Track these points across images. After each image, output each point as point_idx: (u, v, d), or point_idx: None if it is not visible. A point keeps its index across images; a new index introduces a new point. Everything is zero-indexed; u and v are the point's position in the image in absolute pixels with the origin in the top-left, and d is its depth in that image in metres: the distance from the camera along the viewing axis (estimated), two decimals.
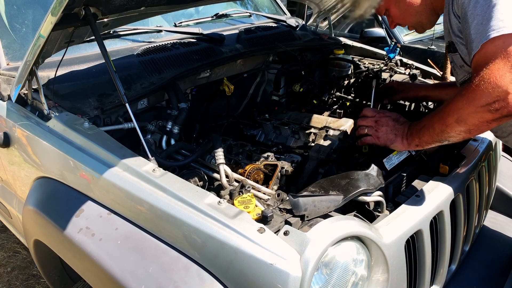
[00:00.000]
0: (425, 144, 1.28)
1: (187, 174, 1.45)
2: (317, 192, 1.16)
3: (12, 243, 2.85)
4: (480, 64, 1.06)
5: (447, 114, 1.15)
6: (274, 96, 2.41)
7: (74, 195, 1.38)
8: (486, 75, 1.02)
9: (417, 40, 4.33)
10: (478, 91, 1.04)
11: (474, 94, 1.06)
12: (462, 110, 1.10)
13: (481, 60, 1.06)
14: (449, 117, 1.14)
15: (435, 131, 1.20)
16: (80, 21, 1.39)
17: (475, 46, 1.08)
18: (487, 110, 1.04)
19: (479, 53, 1.07)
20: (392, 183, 1.40)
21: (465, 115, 1.09)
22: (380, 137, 1.41)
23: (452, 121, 1.13)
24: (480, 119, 1.07)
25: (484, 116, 1.06)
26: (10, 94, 1.65)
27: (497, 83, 1.00)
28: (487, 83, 1.02)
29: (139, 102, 1.75)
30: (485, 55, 1.05)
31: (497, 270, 1.65)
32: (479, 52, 1.07)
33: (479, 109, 1.05)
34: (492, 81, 1.01)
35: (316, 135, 1.81)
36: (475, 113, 1.07)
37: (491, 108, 1.03)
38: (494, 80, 1.00)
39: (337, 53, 2.49)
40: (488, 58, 1.04)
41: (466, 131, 1.13)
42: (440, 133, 1.18)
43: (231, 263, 1.01)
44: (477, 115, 1.06)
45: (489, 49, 1.04)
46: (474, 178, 1.56)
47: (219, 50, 2.07)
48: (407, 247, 1.20)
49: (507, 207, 2.05)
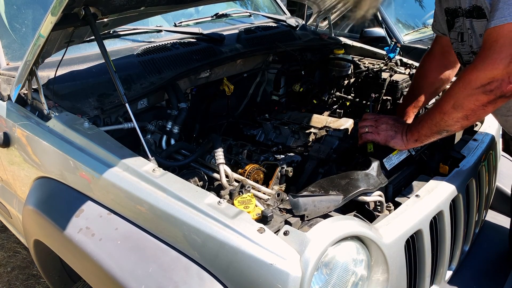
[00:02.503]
0: (424, 138, 1.28)
1: (187, 174, 1.45)
2: (317, 192, 1.16)
3: (12, 243, 2.85)
4: (489, 40, 1.04)
5: (444, 101, 1.16)
6: (274, 96, 2.41)
7: (74, 195, 1.38)
8: (486, 54, 1.03)
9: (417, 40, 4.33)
10: (475, 73, 1.06)
11: (470, 76, 1.07)
12: (458, 94, 1.11)
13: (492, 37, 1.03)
14: (446, 104, 1.15)
15: (433, 121, 1.21)
16: (80, 21, 1.39)
17: (498, 16, 1.02)
18: (482, 92, 1.06)
19: (499, 28, 1.03)
20: (392, 183, 1.40)
21: (461, 99, 1.11)
22: (380, 134, 1.41)
23: (449, 107, 1.15)
24: (475, 102, 1.09)
25: (479, 99, 1.07)
26: (10, 94, 1.65)
27: (493, 66, 1.02)
28: (485, 65, 1.03)
29: (139, 102, 1.75)
30: (497, 34, 1.02)
31: (497, 270, 1.65)
32: (500, 27, 1.02)
33: (474, 91, 1.07)
34: (490, 63, 1.02)
35: (316, 135, 1.81)
36: (471, 96, 1.08)
37: (485, 89, 1.05)
38: (492, 62, 1.02)
39: (337, 53, 2.49)
40: (498, 38, 1.02)
41: (463, 117, 1.14)
42: (439, 122, 1.19)
43: (231, 263, 1.01)
44: (473, 97, 1.08)
45: (505, 30, 1.01)
46: (474, 178, 1.56)
47: (219, 50, 2.07)
48: (407, 247, 1.20)
49: (507, 207, 2.05)
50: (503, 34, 1.02)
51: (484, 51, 1.07)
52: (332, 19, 2.76)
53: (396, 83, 2.12)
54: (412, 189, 1.41)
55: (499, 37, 1.03)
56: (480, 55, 1.08)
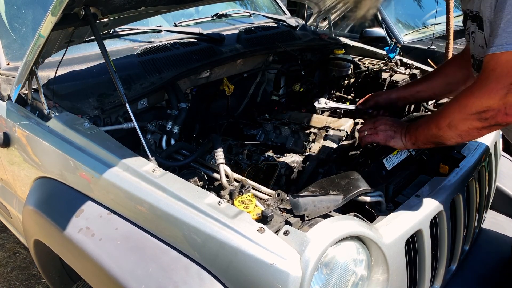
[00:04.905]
0: (421, 144, 1.29)
1: (187, 174, 1.45)
2: (317, 192, 1.16)
3: (12, 243, 2.85)
4: (488, 67, 1.03)
5: (440, 117, 1.17)
6: (274, 96, 2.42)
7: (74, 195, 1.38)
8: (484, 82, 1.02)
9: (417, 40, 4.33)
10: (471, 99, 1.05)
11: (467, 101, 1.07)
12: (454, 115, 1.12)
13: (491, 64, 1.02)
14: (442, 121, 1.16)
15: (429, 133, 1.22)
16: (80, 21, 1.39)
17: (497, 43, 1.00)
18: (477, 118, 1.06)
19: (497, 56, 1.00)
20: (392, 183, 1.40)
21: (456, 120, 1.11)
22: (379, 134, 1.42)
23: (444, 125, 1.15)
24: (470, 126, 1.09)
25: (474, 124, 1.08)
26: (10, 94, 1.65)
27: (490, 95, 1.01)
28: (482, 93, 1.02)
29: (139, 102, 1.75)
30: (496, 62, 1.01)
31: (497, 270, 1.65)
32: (498, 56, 1.00)
33: (469, 116, 1.07)
34: (487, 91, 1.01)
35: (316, 135, 1.81)
36: (466, 120, 1.09)
37: (481, 117, 1.05)
38: (489, 91, 1.01)
39: (337, 53, 2.49)
40: (496, 66, 1.00)
41: (457, 136, 1.15)
42: (434, 134, 1.20)
43: (231, 263, 1.01)
44: (467, 122, 1.08)
45: (504, 59, 0.99)
46: (474, 178, 1.56)
47: (219, 50, 2.07)
48: (407, 247, 1.20)
49: (507, 207, 2.05)
50: (500, 63, 1.00)
51: (482, 78, 1.05)
52: (332, 19, 2.76)
53: (396, 83, 2.12)
54: (412, 189, 1.41)
55: (497, 66, 1.01)
56: (479, 81, 1.06)
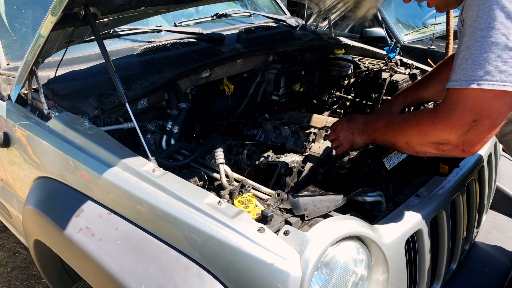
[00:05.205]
0: (380, 143, 1.30)
1: (187, 174, 1.45)
2: (317, 192, 1.16)
3: (12, 243, 2.85)
4: (450, 100, 1.02)
5: (399, 133, 1.18)
6: (274, 96, 2.42)
7: (74, 195, 1.38)
8: (446, 115, 1.02)
9: (417, 40, 4.33)
10: (432, 129, 1.06)
11: (427, 128, 1.07)
12: (413, 137, 1.13)
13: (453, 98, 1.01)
14: (400, 138, 1.18)
15: (387, 140, 1.24)
16: (80, 21, 1.39)
17: (453, 78, 1.00)
18: (435, 148, 1.08)
19: (453, 91, 1.01)
20: (392, 183, 1.40)
21: (413, 142, 1.14)
22: (343, 144, 1.43)
23: (402, 141, 1.17)
24: (426, 150, 1.12)
25: (431, 151, 1.10)
26: (10, 94, 1.65)
27: (451, 130, 1.01)
28: (443, 126, 1.03)
29: (139, 102, 1.75)
30: (457, 96, 1.00)
31: (497, 270, 1.65)
32: (454, 90, 1.00)
33: (427, 143, 1.09)
34: (449, 125, 1.01)
35: (316, 135, 1.81)
36: (423, 145, 1.11)
37: (439, 147, 1.07)
38: (450, 126, 1.01)
39: (337, 53, 2.49)
40: (458, 101, 0.99)
41: (413, 152, 1.18)
42: (391, 144, 1.23)
43: (231, 263, 1.01)
44: (425, 147, 1.11)
45: (464, 95, 0.98)
46: (474, 178, 1.56)
47: (219, 50, 2.07)
48: (407, 247, 1.20)
49: (507, 207, 2.05)
50: (462, 99, 0.98)
51: (445, 109, 1.03)
52: (332, 19, 2.76)
53: (396, 83, 2.12)
54: (412, 189, 1.41)
55: (459, 101, 0.99)
56: (442, 111, 1.05)
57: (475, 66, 0.94)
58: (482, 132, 0.98)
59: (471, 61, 0.95)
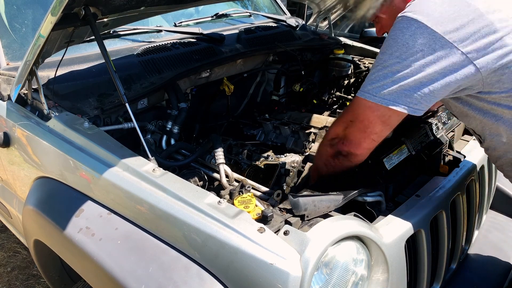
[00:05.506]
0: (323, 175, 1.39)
1: (187, 174, 1.45)
2: (317, 192, 1.16)
3: (12, 243, 2.85)
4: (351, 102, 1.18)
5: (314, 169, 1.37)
6: (274, 96, 2.41)
7: (74, 195, 1.38)
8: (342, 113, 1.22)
9: None
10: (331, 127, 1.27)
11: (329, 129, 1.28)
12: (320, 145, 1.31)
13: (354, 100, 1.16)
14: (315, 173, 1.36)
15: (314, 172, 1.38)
16: (80, 21, 1.39)
17: (362, 86, 1.13)
18: (330, 144, 1.23)
19: (355, 98, 1.15)
20: (392, 183, 1.39)
21: (320, 147, 1.31)
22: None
23: (315, 175, 1.35)
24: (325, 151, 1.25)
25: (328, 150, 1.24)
26: (10, 94, 1.65)
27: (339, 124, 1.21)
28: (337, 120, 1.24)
29: (139, 102, 1.75)
30: (353, 101, 1.15)
31: (497, 270, 1.65)
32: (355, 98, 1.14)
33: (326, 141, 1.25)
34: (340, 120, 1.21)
35: (316, 135, 1.81)
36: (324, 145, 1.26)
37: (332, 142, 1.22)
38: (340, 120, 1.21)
39: (337, 53, 2.49)
40: (351, 104, 1.17)
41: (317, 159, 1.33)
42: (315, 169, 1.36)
43: (231, 263, 1.01)
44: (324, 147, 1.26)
45: (356, 100, 1.13)
46: (474, 178, 1.56)
47: (219, 50, 2.07)
48: (407, 247, 1.20)
49: (507, 207, 2.05)
50: (353, 103, 1.16)
51: (345, 109, 1.23)
52: (332, 19, 2.76)
53: None
54: (412, 189, 1.41)
55: (351, 104, 1.17)
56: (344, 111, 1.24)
57: (367, 81, 1.12)
58: (355, 131, 1.15)
59: (368, 76, 1.13)
